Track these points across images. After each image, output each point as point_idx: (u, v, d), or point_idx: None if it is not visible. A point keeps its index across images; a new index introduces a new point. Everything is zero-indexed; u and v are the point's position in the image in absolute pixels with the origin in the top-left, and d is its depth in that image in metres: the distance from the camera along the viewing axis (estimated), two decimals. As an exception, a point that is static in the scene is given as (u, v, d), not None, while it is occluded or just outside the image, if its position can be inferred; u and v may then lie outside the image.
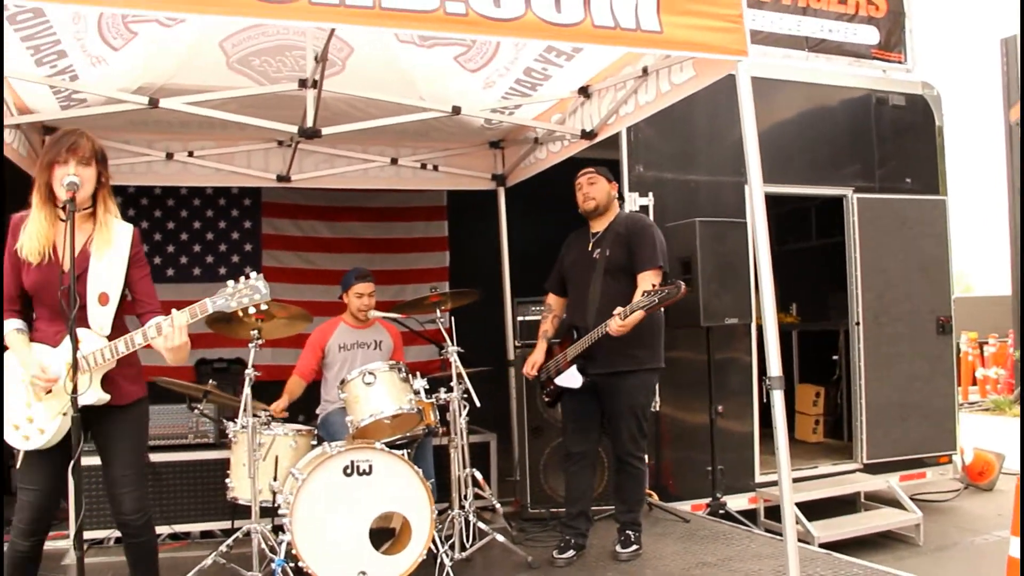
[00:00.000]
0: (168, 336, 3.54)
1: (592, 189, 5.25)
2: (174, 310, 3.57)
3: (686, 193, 7.19)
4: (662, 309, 4.86)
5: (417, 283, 8.67)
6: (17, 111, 5.39)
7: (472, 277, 6.70)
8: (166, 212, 8.35)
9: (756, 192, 4.18)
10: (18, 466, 3.68)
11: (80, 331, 3.53)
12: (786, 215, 9.61)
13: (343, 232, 8.80)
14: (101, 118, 5.59)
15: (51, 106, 5.55)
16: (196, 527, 5.93)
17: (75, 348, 3.40)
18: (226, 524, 5.80)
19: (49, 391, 3.56)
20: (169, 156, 6.59)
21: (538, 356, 5.40)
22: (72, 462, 3.34)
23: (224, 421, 5.21)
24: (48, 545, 5.48)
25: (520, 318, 6.47)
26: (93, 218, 3.69)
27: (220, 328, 4.95)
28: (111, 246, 3.68)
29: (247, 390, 4.75)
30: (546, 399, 5.49)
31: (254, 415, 4.77)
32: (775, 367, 4.09)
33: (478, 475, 5.31)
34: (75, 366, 3.38)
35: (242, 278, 3.65)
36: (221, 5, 3.36)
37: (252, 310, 3.67)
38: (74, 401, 3.35)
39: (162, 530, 5.77)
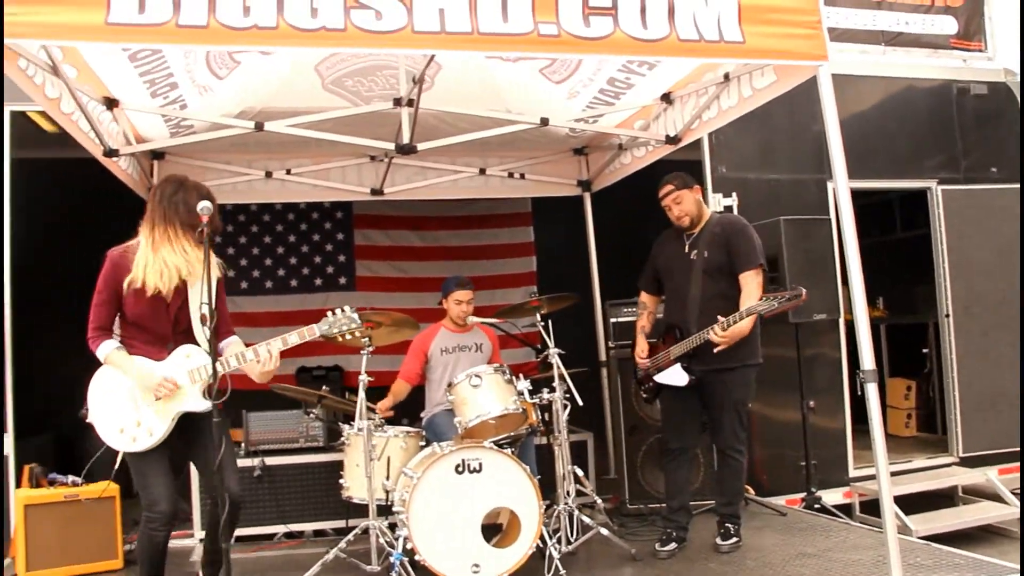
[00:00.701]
0: (266, 360, 4.04)
1: (681, 207, 5.34)
2: (283, 337, 4.10)
3: (768, 191, 7.27)
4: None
5: (505, 288, 8.92)
6: (135, 140, 5.75)
7: (558, 281, 6.87)
8: (263, 227, 8.70)
9: (842, 190, 4.27)
10: (118, 465, 4.39)
11: (189, 347, 4.07)
12: (868, 208, 9.57)
13: (432, 241, 9.04)
14: (205, 143, 5.93)
15: (162, 134, 5.92)
16: (309, 526, 6.18)
17: (214, 358, 3.74)
18: (338, 523, 6.09)
19: (159, 398, 3.97)
20: (268, 175, 6.92)
21: (643, 345, 5.54)
22: (217, 461, 3.66)
23: (339, 424, 5.46)
24: (174, 543, 5.93)
25: (613, 320, 6.60)
26: (187, 254, 4.07)
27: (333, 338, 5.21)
28: (207, 276, 3.96)
29: (362, 394, 5.02)
30: (644, 395, 5.64)
31: (368, 418, 5.02)
32: (868, 360, 4.17)
33: (579, 472, 5.48)
34: (215, 374, 3.70)
35: (338, 310, 4.20)
36: (337, 39, 3.59)
37: (349, 336, 4.25)
38: (216, 407, 3.67)
39: (277, 529, 6.09)
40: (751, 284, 5.12)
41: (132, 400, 4.03)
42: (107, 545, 5.50)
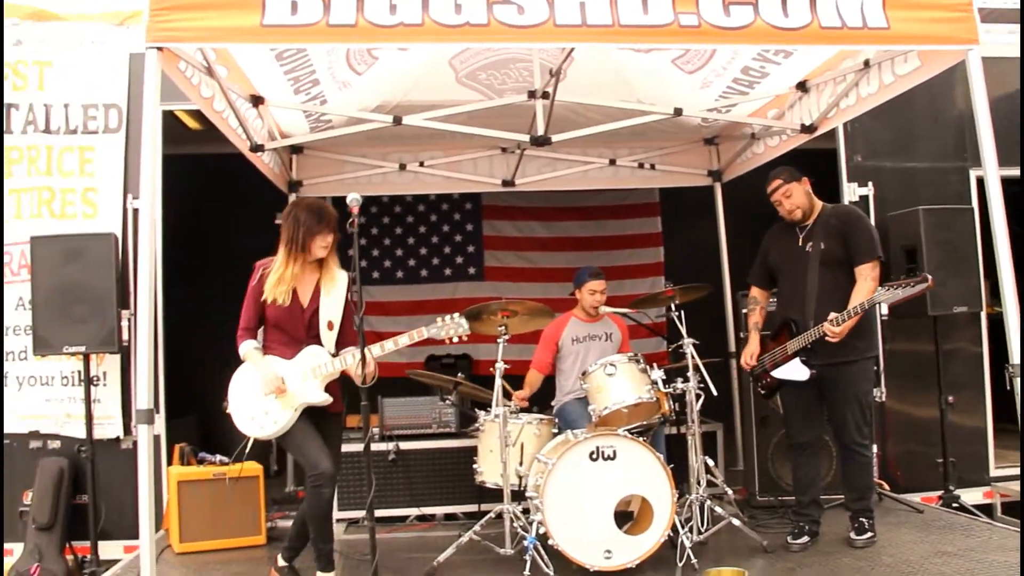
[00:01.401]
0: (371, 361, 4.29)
1: (791, 201, 5.28)
2: (394, 339, 4.48)
3: (906, 180, 7.05)
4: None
5: (633, 278, 8.92)
6: (278, 135, 5.98)
7: (685, 272, 6.82)
8: (394, 218, 8.93)
9: (992, 178, 4.18)
10: (247, 450, 5.10)
11: (315, 348, 4.54)
12: (1009, 199, 9.17)
13: (559, 231, 9.12)
14: (343, 137, 6.12)
15: (303, 129, 6.14)
16: (440, 510, 6.34)
17: (364, 359, 4.05)
18: (468, 507, 6.25)
19: (281, 392, 4.43)
20: (402, 167, 7.09)
21: (755, 347, 5.50)
22: (364, 445, 3.90)
23: (474, 411, 5.58)
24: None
25: (745, 310, 6.53)
26: (320, 266, 4.61)
27: (472, 325, 5.33)
28: (335, 287, 4.61)
29: (498, 381, 5.13)
30: (762, 391, 5.58)
31: (503, 404, 5.13)
32: (1019, 354, 4.04)
33: (710, 462, 5.46)
34: (364, 363, 3.91)
35: (448, 317, 4.55)
36: (481, 34, 3.69)
37: (456, 340, 4.54)
38: (362, 393, 3.89)
39: (409, 512, 6.26)
40: (867, 277, 5.01)
41: (261, 392, 4.47)
42: (252, 522, 5.76)
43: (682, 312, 5.48)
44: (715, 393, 5.33)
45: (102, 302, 5.81)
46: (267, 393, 4.42)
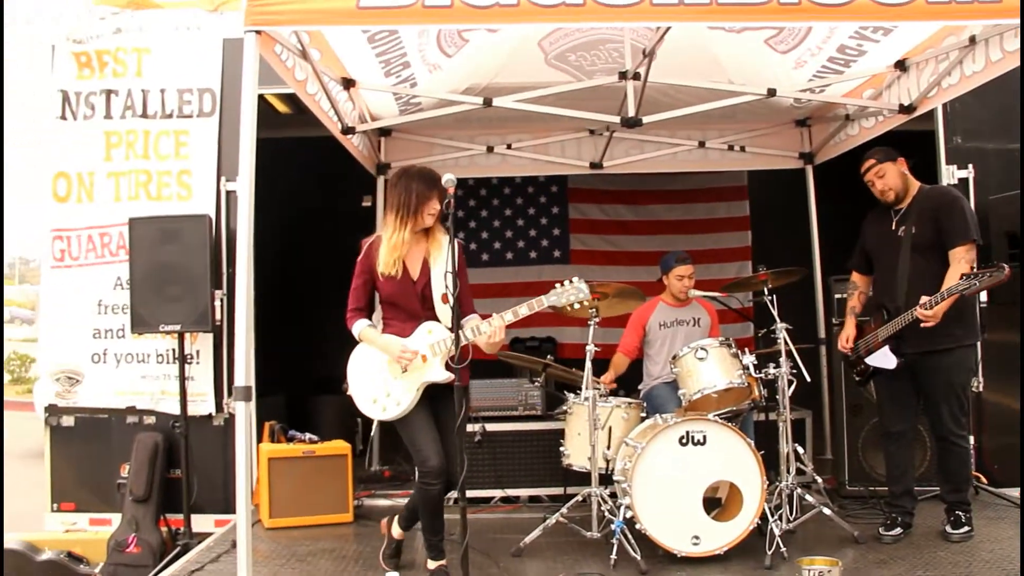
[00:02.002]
0: (496, 331, 4.29)
1: (884, 182, 5.12)
2: (513, 309, 4.33)
3: (1009, 162, 6.79)
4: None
5: (720, 263, 8.82)
6: (369, 118, 6.03)
7: (773, 256, 6.68)
8: (479, 201, 8.96)
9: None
10: (373, 433, 4.97)
11: (431, 323, 4.41)
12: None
13: (645, 215, 9.05)
14: (431, 119, 6.15)
15: (392, 112, 6.18)
16: (524, 492, 6.34)
17: (457, 323, 4.01)
18: (552, 490, 6.23)
19: (405, 370, 4.33)
20: (489, 149, 7.12)
21: (850, 331, 5.37)
22: (457, 424, 3.93)
23: (563, 393, 5.57)
24: (402, 502, 6.21)
25: (838, 296, 6.39)
26: (427, 237, 4.48)
27: (560, 310, 5.31)
28: (441, 256, 4.41)
29: (588, 364, 5.11)
30: (856, 378, 5.46)
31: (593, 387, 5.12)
32: None
33: (800, 450, 5.36)
34: (457, 341, 3.99)
35: (566, 281, 4.37)
36: (577, 14, 3.64)
37: (577, 305, 4.42)
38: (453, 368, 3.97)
39: (494, 493, 6.27)
40: (960, 260, 4.82)
41: (382, 373, 4.44)
42: (339, 500, 5.85)
43: (774, 296, 5.36)
44: (808, 379, 5.23)
45: (196, 282, 5.95)
46: (404, 367, 4.34)
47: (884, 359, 5.06)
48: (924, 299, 4.72)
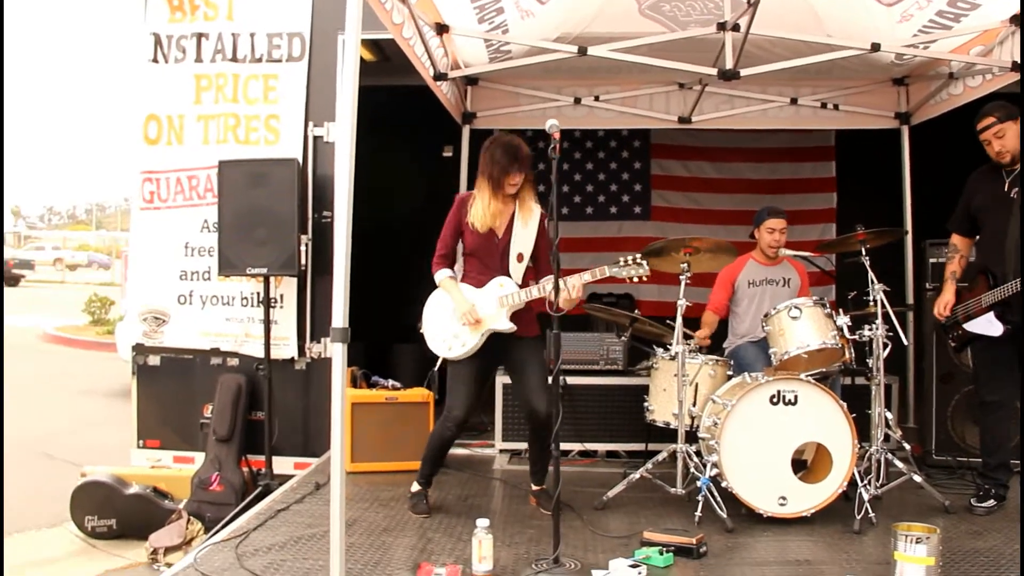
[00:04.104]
0: (571, 290, 4.51)
1: (1003, 142, 4.89)
2: (579, 275, 4.59)
3: None
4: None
5: (804, 224, 8.61)
6: (452, 65, 5.97)
7: (858, 219, 6.48)
8: (562, 154, 8.82)
9: None
10: (437, 368, 5.27)
11: (504, 278, 4.79)
12: None
13: (729, 173, 8.89)
14: (519, 68, 6.06)
15: (481, 59, 6.10)
16: (604, 446, 6.32)
17: (556, 287, 4.08)
18: (630, 445, 6.23)
19: (476, 324, 4.73)
20: (577, 101, 7.01)
21: (949, 297, 5.21)
22: (552, 376, 3.98)
23: (652, 347, 5.51)
24: (478, 452, 6.22)
25: (933, 260, 6.20)
26: (515, 200, 4.82)
27: (651, 261, 5.24)
28: (530, 220, 4.82)
29: (679, 320, 5.04)
30: (952, 344, 5.30)
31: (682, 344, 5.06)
32: None
33: (889, 415, 5.23)
34: (557, 292, 3.94)
35: (630, 256, 4.59)
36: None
37: (635, 279, 4.58)
38: (554, 321, 3.99)
39: (573, 446, 6.25)
40: None
41: (452, 317, 4.81)
42: (420, 446, 5.78)
43: (869, 258, 5.21)
44: (906, 343, 5.10)
45: (283, 226, 5.96)
46: (463, 323, 4.74)
47: (988, 326, 4.90)
48: None
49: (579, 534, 4.50)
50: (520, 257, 4.78)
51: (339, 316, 3.70)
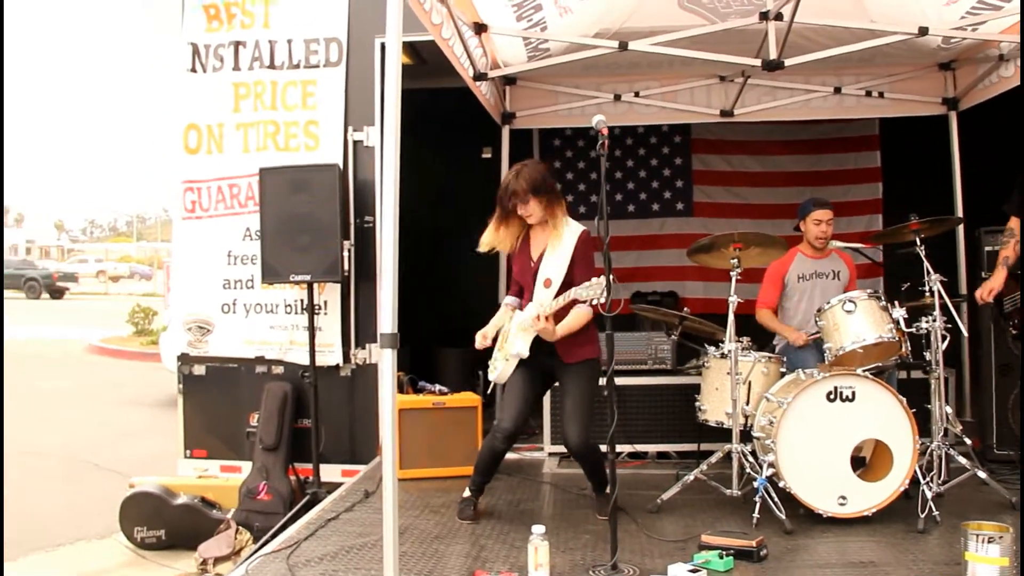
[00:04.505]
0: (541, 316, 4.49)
1: None
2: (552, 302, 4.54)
3: None
4: None
5: (850, 216, 8.47)
6: (491, 65, 5.91)
7: (905, 210, 6.31)
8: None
9: None
10: (488, 390, 5.20)
11: (532, 304, 4.67)
12: None
13: (772, 166, 8.77)
14: (558, 67, 5.99)
15: (520, 58, 6.02)
16: (654, 447, 6.23)
17: (608, 286, 4.05)
18: (683, 446, 6.13)
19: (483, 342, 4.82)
20: (616, 98, 6.92)
21: (997, 283, 5.06)
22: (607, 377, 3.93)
23: (704, 345, 5.41)
24: (528, 455, 6.14)
25: (988, 248, 6.03)
26: (546, 226, 4.73)
27: (699, 258, 5.15)
28: (560, 244, 4.67)
29: (731, 317, 4.93)
30: (1013, 332, 5.16)
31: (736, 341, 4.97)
32: None
33: (949, 410, 5.10)
34: (608, 290, 3.82)
35: (594, 279, 4.25)
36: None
37: (595, 301, 4.26)
38: (607, 322, 3.86)
39: (622, 448, 6.14)
40: None
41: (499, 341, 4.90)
42: (468, 452, 5.79)
43: (924, 247, 5.07)
44: (966, 334, 4.97)
45: (326, 232, 5.92)
46: (478, 345, 4.84)
47: None
48: None
49: (634, 539, 4.41)
50: (548, 283, 4.66)
51: (387, 321, 3.65)
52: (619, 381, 6.09)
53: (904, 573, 3.91)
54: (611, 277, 4.06)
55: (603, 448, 4.41)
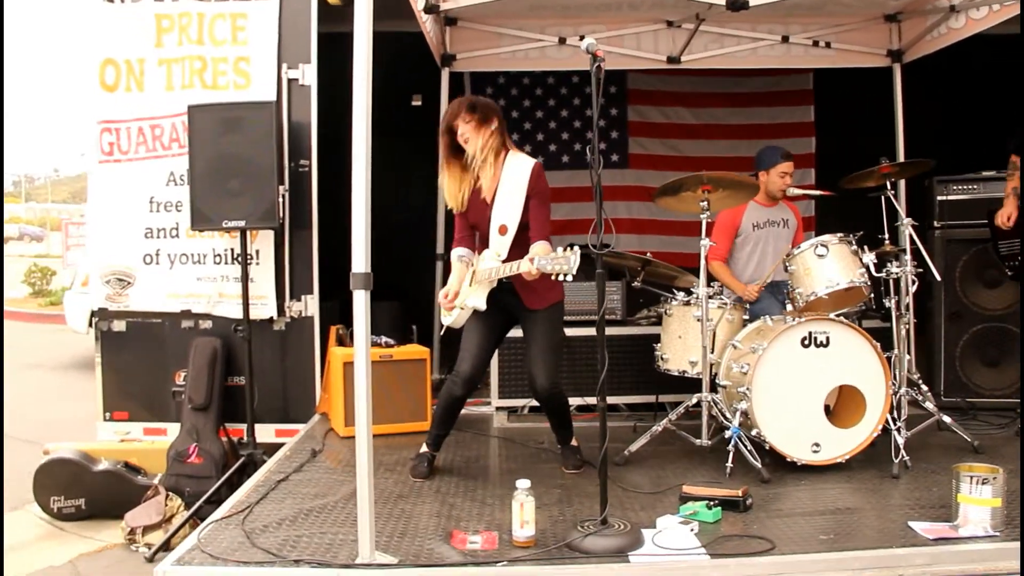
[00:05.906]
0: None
1: None
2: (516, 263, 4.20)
3: None
4: None
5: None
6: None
7: (839, 164, 6.21)
8: (534, 101, 8.54)
9: None
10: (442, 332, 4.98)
11: (486, 252, 4.46)
12: None
13: (708, 118, 8.66)
14: (499, 5, 5.72)
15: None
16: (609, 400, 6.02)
17: (601, 225, 3.56)
18: (635, 398, 6.00)
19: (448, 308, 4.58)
20: (562, 41, 6.66)
21: (1011, 209, 5.11)
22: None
23: (672, 293, 5.21)
24: (476, 410, 5.88)
25: (940, 197, 6.00)
26: (494, 163, 4.39)
27: (665, 201, 4.95)
28: (512, 181, 4.37)
29: (703, 261, 4.76)
30: (1008, 273, 5.26)
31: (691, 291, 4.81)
32: None
33: (907, 357, 5.04)
34: (601, 228, 3.51)
35: (560, 249, 4.00)
36: None
37: (562, 278, 3.95)
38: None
39: (574, 402, 5.92)
40: None
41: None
42: (418, 407, 5.59)
43: (896, 190, 5.00)
44: (939, 278, 4.92)
45: (261, 175, 5.47)
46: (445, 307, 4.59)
47: None
48: None
49: (609, 492, 4.21)
50: (503, 229, 4.37)
51: (360, 260, 3.38)
52: (569, 332, 5.88)
53: (894, 517, 3.82)
54: (603, 217, 3.84)
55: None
